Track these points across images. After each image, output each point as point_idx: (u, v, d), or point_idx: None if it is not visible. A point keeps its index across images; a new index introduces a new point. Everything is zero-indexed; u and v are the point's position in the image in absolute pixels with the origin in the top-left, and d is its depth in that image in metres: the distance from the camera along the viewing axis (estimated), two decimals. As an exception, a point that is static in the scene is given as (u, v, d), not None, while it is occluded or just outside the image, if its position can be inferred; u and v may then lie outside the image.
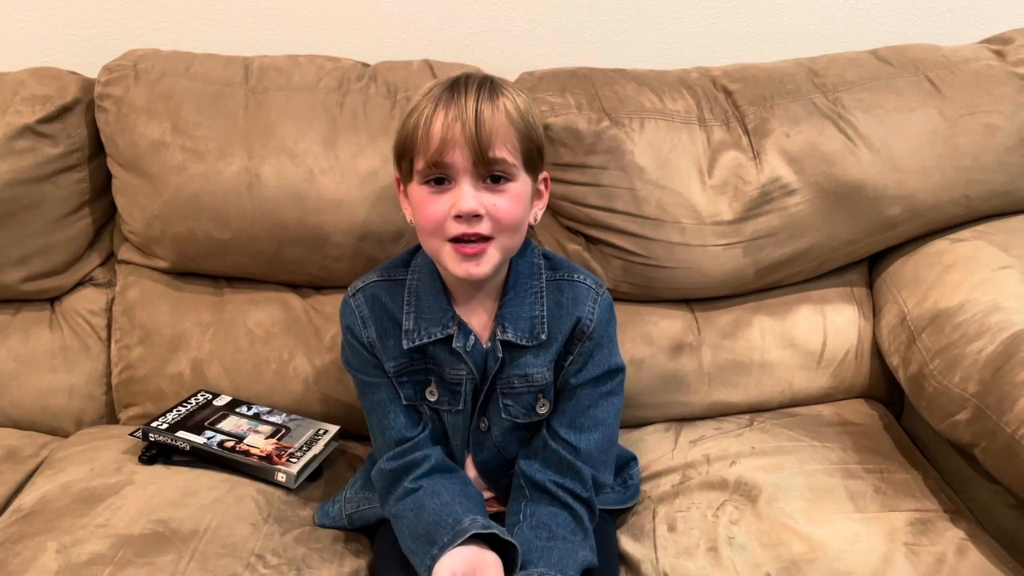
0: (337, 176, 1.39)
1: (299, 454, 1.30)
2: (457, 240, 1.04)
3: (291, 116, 1.41)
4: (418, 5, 1.62)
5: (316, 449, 1.32)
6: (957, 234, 1.47)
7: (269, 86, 1.43)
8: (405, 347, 1.13)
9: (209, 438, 1.30)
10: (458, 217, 1.02)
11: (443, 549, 1.04)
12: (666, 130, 1.43)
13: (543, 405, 1.16)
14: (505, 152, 1.02)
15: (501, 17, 1.63)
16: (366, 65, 1.50)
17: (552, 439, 1.15)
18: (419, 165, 1.04)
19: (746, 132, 1.44)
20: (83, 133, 1.45)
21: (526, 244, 1.15)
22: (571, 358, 1.14)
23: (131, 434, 1.32)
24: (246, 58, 1.48)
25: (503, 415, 1.16)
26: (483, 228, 1.03)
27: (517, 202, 1.05)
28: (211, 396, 1.41)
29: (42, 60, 1.52)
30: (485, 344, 1.14)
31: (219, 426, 1.33)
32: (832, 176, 1.42)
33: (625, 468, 1.31)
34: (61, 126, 1.43)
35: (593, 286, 1.15)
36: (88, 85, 1.46)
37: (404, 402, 1.17)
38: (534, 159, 1.06)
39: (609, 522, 1.25)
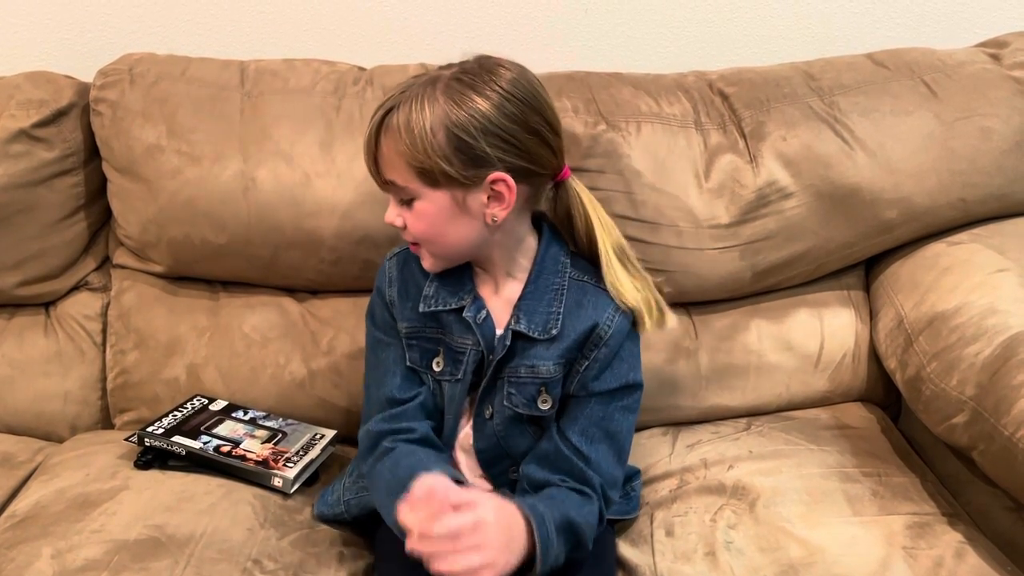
0: (333, 180, 1.39)
1: (295, 459, 1.30)
2: None
3: (287, 120, 1.40)
4: (414, 9, 1.62)
5: (313, 454, 1.32)
6: (953, 237, 1.47)
7: (265, 90, 1.43)
8: (421, 310, 1.17)
9: (205, 443, 1.29)
10: None
11: None
12: (663, 133, 1.43)
13: (545, 400, 1.15)
14: (394, 175, 1.08)
15: (497, 21, 1.63)
16: (362, 69, 1.50)
17: (563, 445, 1.15)
18: None
19: (743, 135, 1.44)
20: (78, 137, 1.45)
21: (549, 241, 1.16)
22: (586, 363, 1.14)
23: (127, 439, 1.32)
24: (242, 62, 1.47)
25: (505, 403, 1.16)
26: (410, 237, 1.13)
27: (421, 219, 1.10)
28: (207, 401, 1.40)
29: (37, 64, 1.52)
30: (500, 329, 1.15)
31: (215, 431, 1.33)
32: (828, 179, 1.42)
33: (628, 480, 1.30)
34: (56, 130, 1.43)
35: None
36: (83, 89, 1.46)
37: (408, 364, 1.20)
38: (435, 176, 1.06)
39: (608, 531, 1.24)
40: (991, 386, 1.19)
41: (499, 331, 1.15)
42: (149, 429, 1.30)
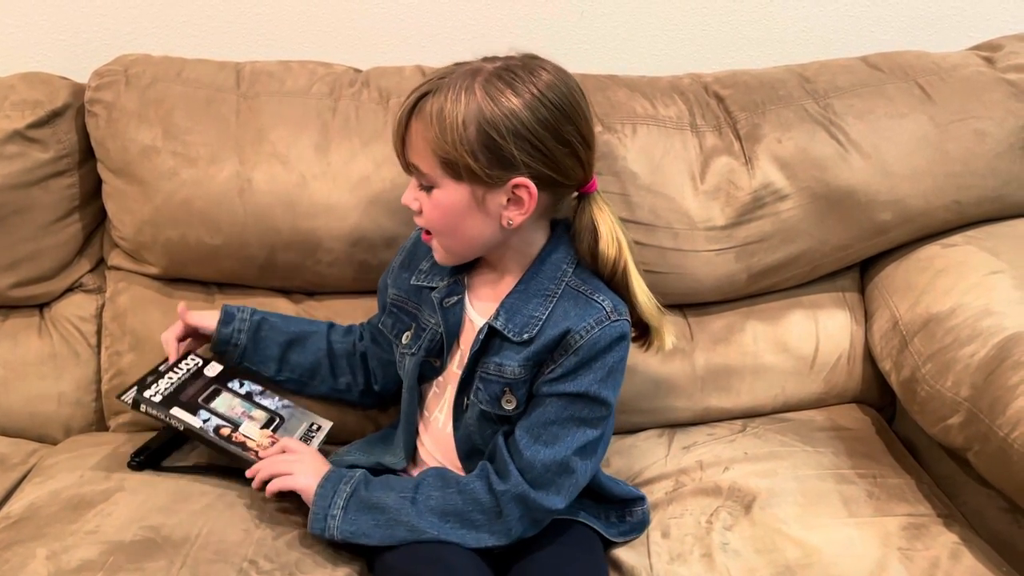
0: (329, 182, 1.39)
1: None
2: None
3: (283, 121, 1.40)
4: (410, 11, 1.62)
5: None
6: (948, 239, 1.48)
7: (261, 91, 1.43)
8: (412, 283, 1.23)
9: (205, 421, 1.25)
10: None
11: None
12: (658, 136, 1.43)
13: (509, 401, 1.14)
14: (418, 160, 1.08)
15: (493, 23, 1.63)
16: (358, 71, 1.50)
17: (504, 437, 1.15)
18: None
19: (738, 138, 1.44)
20: (73, 138, 1.44)
21: (556, 245, 1.16)
22: (552, 366, 1.12)
23: (119, 396, 1.27)
24: (238, 63, 1.47)
25: (473, 397, 1.16)
26: (422, 222, 1.13)
27: (436, 209, 1.10)
28: (201, 363, 1.35)
29: (33, 65, 1.51)
30: (481, 322, 1.16)
31: (213, 405, 1.29)
32: (824, 181, 1.42)
33: (627, 505, 1.26)
34: (51, 131, 1.42)
35: (608, 310, 1.12)
36: (79, 90, 1.46)
37: (379, 326, 1.30)
38: (458, 169, 1.06)
39: (596, 539, 1.22)
40: (986, 387, 1.20)
41: (480, 323, 1.16)
42: (146, 394, 1.25)
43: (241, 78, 1.44)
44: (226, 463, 1.26)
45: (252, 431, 1.28)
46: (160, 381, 1.29)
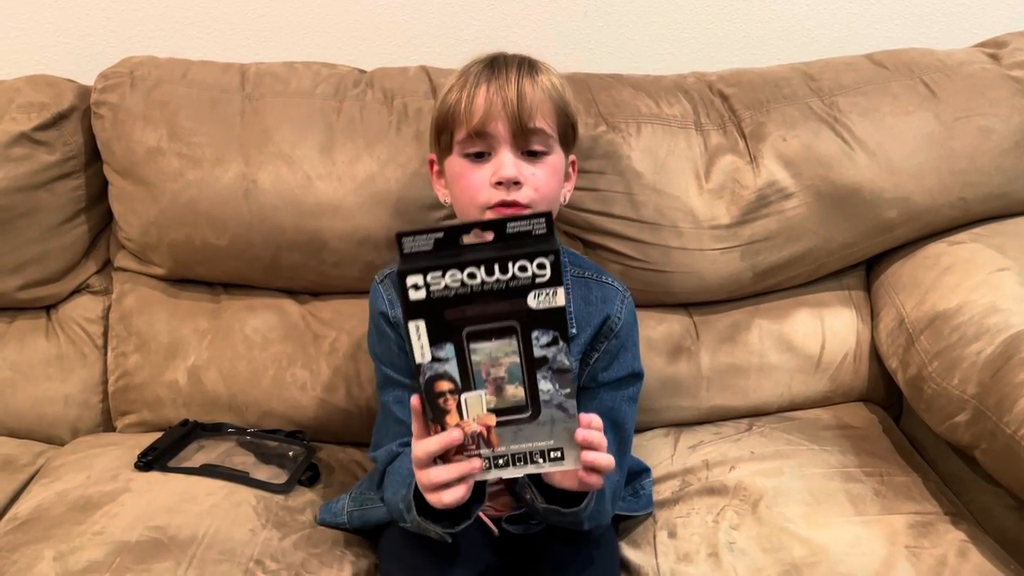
0: (334, 182, 1.39)
1: None
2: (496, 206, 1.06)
3: (288, 122, 1.41)
4: (414, 12, 1.62)
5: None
6: (954, 237, 1.47)
7: (266, 92, 1.43)
8: None
9: (437, 359, 0.84)
10: (498, 184, 1.06)
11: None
12: (663, 134, 1.43)
13: None
14: (544, 124, 1.07)
15: (497, 23, 1.63)
16: (363, 71, 1.50)
17: None
18: (460, 136, 1.08)
19: (743, 136, 1.44)
20: (79, 140, 1.45)
21: None
22: (596, 355, 1.15)
23: (401, 235, 0.80)
24: (243, 65, 1.47)
25: None
26: (522, 196, 1.06)
27: (553, 175, 1.09)
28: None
29: (38, 68, 1.52)
30: None
31: (478, 346, 0.83)
32: (829, 179, 1.42)
33: (637, 478, 1.29)
34: (57, 133, 1.43)
35: (620, 288, 1.19)
36: (84, 92, 1.46)
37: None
38: (568, 135, 1.11)
39: (611, 532, 1.23)
40: (993, 385, 1.19)
41: None
42: (418, 278, 0.79)
43: (246, 79, 1.45)
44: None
45: (475, 405, 0.86)
46: (452, 269, 0.79)
